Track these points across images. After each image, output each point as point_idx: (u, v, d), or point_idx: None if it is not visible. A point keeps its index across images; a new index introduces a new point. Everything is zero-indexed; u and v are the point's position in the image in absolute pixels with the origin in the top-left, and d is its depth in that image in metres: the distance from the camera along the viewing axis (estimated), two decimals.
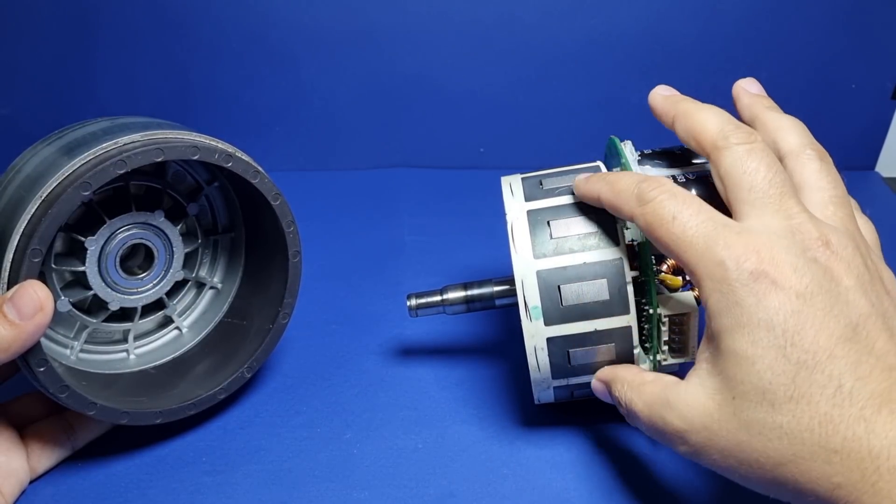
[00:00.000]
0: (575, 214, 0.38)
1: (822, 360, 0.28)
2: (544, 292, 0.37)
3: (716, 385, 0.30)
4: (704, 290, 0.31)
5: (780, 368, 0.28)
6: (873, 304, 0.29)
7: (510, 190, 0.40)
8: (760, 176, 0.32)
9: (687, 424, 0.31)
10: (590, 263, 0.37)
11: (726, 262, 0.30)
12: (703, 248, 0.30)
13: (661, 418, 0.32)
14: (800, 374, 0.28)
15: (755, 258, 0.29)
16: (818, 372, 0.28)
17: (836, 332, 0.28)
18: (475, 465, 0.41)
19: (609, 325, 0.37)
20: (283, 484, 0.40)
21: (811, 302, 0.28)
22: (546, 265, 0.37)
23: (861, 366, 0.28)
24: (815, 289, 0.29)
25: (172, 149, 0.37)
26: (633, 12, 0.69)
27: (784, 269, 0.29)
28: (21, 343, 0.34)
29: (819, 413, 0.28)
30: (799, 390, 0.28)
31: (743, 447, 0.29)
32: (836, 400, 0.27)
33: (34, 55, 0.69)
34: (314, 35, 0.69)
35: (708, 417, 0.30)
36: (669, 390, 0.32)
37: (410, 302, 0.44)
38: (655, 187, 0.33)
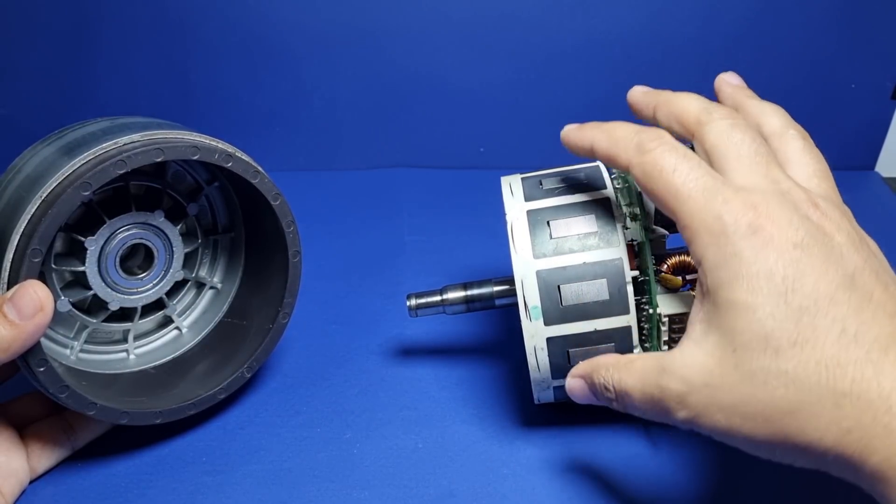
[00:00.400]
0: (575, 214, 0.38)
1: (824, 305, 0.28)
2: (544, 292, 0.37)
3: (714, 341, 0.30)
4: (700, 243, 0.30)
5: (782, 314, 0.28)
6: (865, 260, 0.29)
7: (510, 190, 0.40)
8: (746, 146, 0.32)
9: (686, 386, 0.30)
10: (590, 263, 0.37)
11: (724, 216, 0.30)
12: (702, 201, 0.30)
13: (656, 387, 0.31)
14: (802, 320, 0.28)
15: (752, 213, 0.29)
16: (821, 317, 0.28)
17: (835, 280, 0.28)
18: (475, 465, 0.41)
19: (609, 325, 0.37)
20: (283, 484, 0.40)
21: (808, 252, 0.29)
22: (546, 265, 0.37)
23: (863, 311, 0.28)
24: (811, 241, 0.29)
25: (172, 149, 0.37)
26: (632, 12, 0.69)
27: (780, 223, 0.29)
28: (21, 343, 0.34)
29: (825, 356, 0.27)
30: (802, 335, 0.27)
31: (747, 400, 0.28)
32: (841, 343, 0.27)
33: (34, 55, 0.69)
34: (314, 35, 0.69)
35: (708, 374, 0.29)
36: (662, 359, 0.31)
37: (410, 302, 0.44)
38: (656, 138, 0.33)
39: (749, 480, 0.40)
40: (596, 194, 0.38)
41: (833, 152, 0.78)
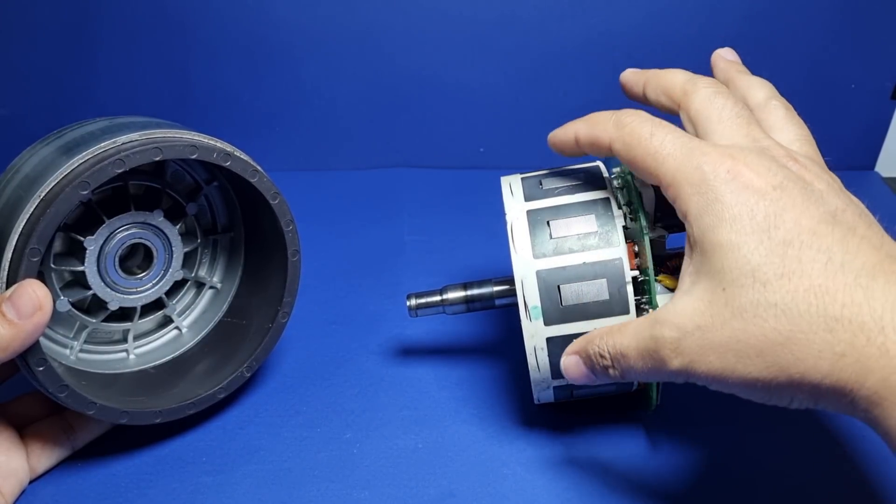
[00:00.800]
0: (575, 214, 0.38)
1: (807, 238, 0.28)
2: (544, 292, 0.37)
3: (704, 285, 0.30)
4: (683, 196, 0.31)
5: (766, 249, 0.28)
6: (847, 204, 0.30)
7: (510, 190, 0.40)
8: (728, 109, 0.33)
9: (679, 331, 0.30)
10: (589, 263, 0.37)
11: (703, 166, 0.30)
12: (681, 157, 0.31)
13: (650, 338, 0.31)
14: (788, 252, 0.28)
15: (730, 161, 0.30)
16: (805, 248, 0.28)
17: (816, 216, 0.29)
18: (475, 465, 0.41)
19: (609, 325, 0.37)
20: (283, 484, 0.40)
21: (788, 192, 0.29)
22: (546, 265, 0.37)
23: (848, 242, 0.28)
24: (790, 184, 0.30)
25: (171, 148, 0.37)
26: (632, 12, 0.69)
27: (759, 169, 0.30)
28: (20, 342, 0.34)
29: (814, 284, 0.27)
30: (789, 266, 0.28)
31: (739, 336, 0.28)
32: (828, 271, 0.27)
33: (34, 55, 0.69)
34: (314, 35, 0.69)
35: (699, 316, 0.30)
36: (654, 313, 0.32)
37: (410, 302, 0.44)
38: (632, 113, 0.34)
39: (749, 480, 0.40)
40: (596, 194, 0.38)
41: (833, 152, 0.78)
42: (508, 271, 0.38)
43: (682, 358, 0.30)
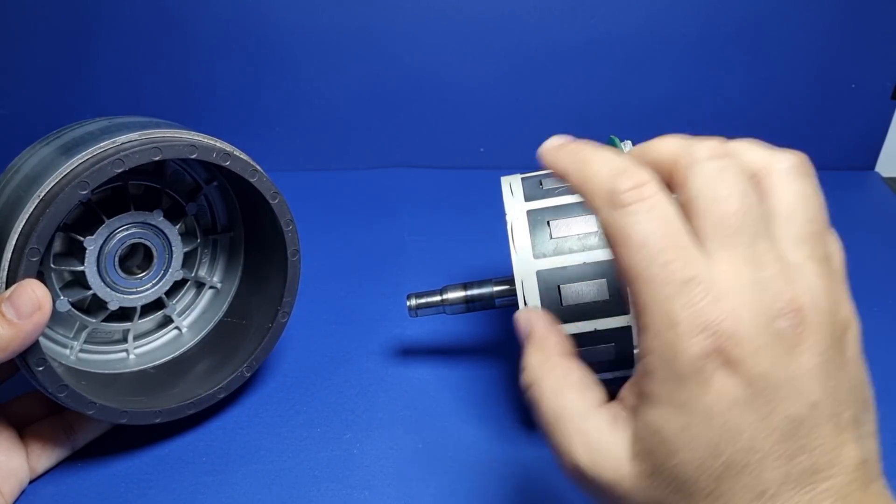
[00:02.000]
0: (575, 214, 0.38)
1: (753, 461, 0.25)
2: (544, 292, 0.37)
3: (636, 449, 0.27)
4: (647, 340, 0.26)
5: (707, 465, 0.25)
6: (826, 390, 0.25)
7: (510, 190, 0.40)
8: (733, 209, 0.27)
9: (593, 473, 0.27)
10: (590, 263, 0.37)
11: (680, 326, 0.25)
12: (661, 297, 0.26)
13: (565, 440, 0.28)
14: (725, 474, 0.25)
15: (713, 331, 0.25)
16: (746, 474, 0.25)
17: (777, 430, 0.25)
18: (475, 465, 0.41)
19: (609, 325, 0.37)
20: (283, 484, 0.40)
21: (760, 393, 0.25)
22: (546, 265, 0.37)
23: (792, 468, 0.25)
24: (770, 373, 0.25)
25: (170, 148, 0.37)
26: (632, 12, 0.69)
27: (743, 348, 0.25)
28: (19, 342, 0.34)
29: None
30: (720, 490, 0.25)
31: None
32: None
33: (34, 55, 0.69)
34: (314, 35, 0.69)
35: (618, 476, 0.27)
36: (589, 417, 0.28)
37: (410, 302, 0.44)
38: (632, 188, 0.27)
39: None
40: None
41: (833, 152, 0.79)
42: (508, 271, 0.38)
43: (581, 488, 0.28)
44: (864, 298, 0.59)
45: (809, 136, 0.75)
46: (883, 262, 0.60)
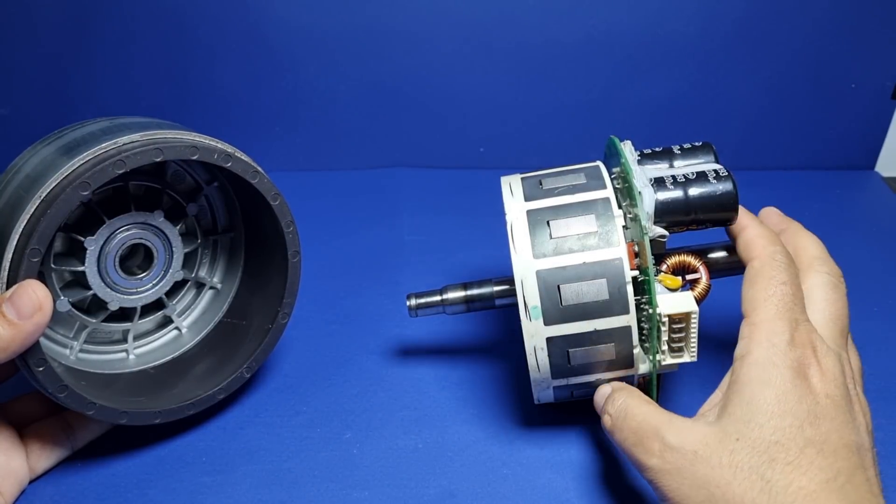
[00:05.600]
0: (575, 214, 0.38)
1: (828, 451, 0.30)
2: (544, 292, 0.37)
3: (724, 425, 0.32)
4: (755, 339, 0.33)
5: (793, 436, 0.30)
6: (871, 448, 0.32)
7: (510, 190, 0.40)
8: (833, 311, 0.35)
9: (679, 443, 0.32)
10: (589, 263, 0.37)
11: (788, 332, 0.33)
12: (777, 310, 0.34)
13: (653, 429, 0.33)
14: (807, 449, 0.30)
15: (810, 351, 0.33)
16: (822, 456, 0.30)
17: (846, 438, 0.30)
18: (475, 465, 0.41)
19: (609, 325, 0.37)
20: (283, 484, 0.40)
21: (836, 406, 0.31)
22: (546, 265, 0.37)
23: (856, 476, 0.30)
24: (842, 402, 0.31)
25: (171, 149, 0.37)
26: (632, 12, 0.69)
27: (827, 373, 0.32)
28: (20, 342, 0.34)
29: (808, 489, 0.29)
30: (799, 461, 0.29)
31: (721, 486, 0.30)
32: (827, 487, 0.29)
33: (34, 55, 0.69)
34: (314, 35, 0.69)
35: (703, 444, 0.31)
36: (674, 416, 0.34)
37: (410, 302, 0.44)
38: (784, 253, 0.36)
39: None
40: (596, 194, 0.38)
41: (833, 152, 0.79)
42: (508, 271, 0.38)
43: (659, 463, 0.32)
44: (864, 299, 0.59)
45: (809, 136, 0.75)
46: (883, 261, 0.60)
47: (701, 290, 0.39)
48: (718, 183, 0.38)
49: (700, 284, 0.39)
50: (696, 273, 0.39)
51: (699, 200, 0.38)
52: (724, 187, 0.38)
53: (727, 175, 0.38)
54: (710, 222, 0.39)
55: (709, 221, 0.39)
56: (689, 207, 0.38)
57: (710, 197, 0.38)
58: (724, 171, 0.38)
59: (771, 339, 0.33)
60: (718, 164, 0.39)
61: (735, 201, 0.38)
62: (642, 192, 0.37)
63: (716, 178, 0.38)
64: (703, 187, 0.38)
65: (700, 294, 0.39)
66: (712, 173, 0.38)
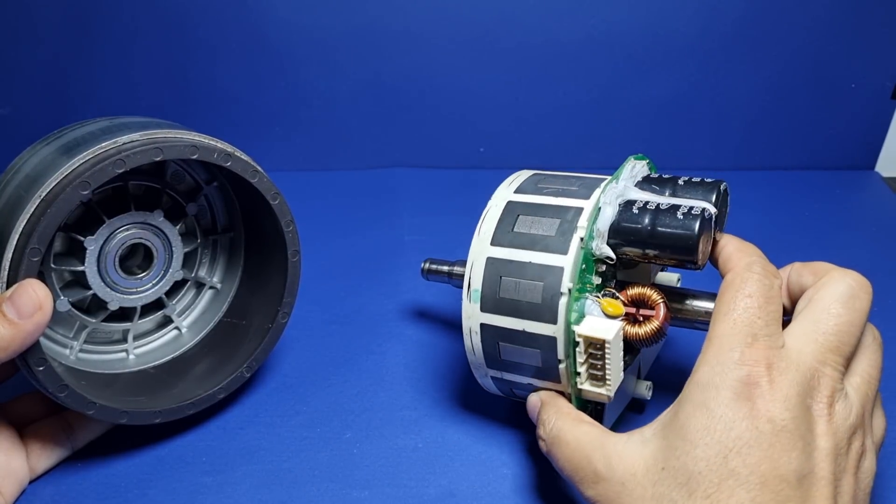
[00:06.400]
0: (545, 215, 0.37)
1: (753, 483, 0.28)
2: (487, 278, 0.37)
3: (654, 449, 0.31)
4: (707, 356, 0.31)
5: (715, 467, 0.28)
6: (833, 475, 0.29)
7: (511, 180, 0.41)
8: (830, 325, 0.32)
9: (608, 473, 0.31)
10: (534, 264, 0.36)
11: (744, 351, 0.30)
12: (740, 323, 0.31)
13: (585, 457, 0.33)
14: (726, 482, 0.28)
15: (764, 363, 0.30)
16: (745, 489, 0.28)
17: (781, 471, 0.28)
18: (475, 465, 0.41)
19: (536, 330, 0.36)
20: (283, 484, 0.40)
21: (777, 434, 0.28)
22: (497, 254, 0.38)
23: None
24: (790, 426, 0.29)
25: (171, 148, 0.37)
26: (632, 12, 0.69)
27: (780, 393, 0.29)
28: (20, 342, 0.34)
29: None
30: (718, 495, 0.28)
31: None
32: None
33: (34, 55, 0.69)
34: (313, 35, 0.69)
35: (630, 476, 0.31)
36: (608, 437, 0.33)
37: (424, 265, 0.48)
38: (764, 264, 0.33)
39: None
40: (574, 202, 0.37)
41: (833, 152, 0.79)
42: None
43: (594, 493, 0.32)
44: None
45: (809, 136, 0.75)
46: (883, 261, 0.60)
47: (650, 328, 0.36)
48: (684, 219, 0.35)
49: (650, 323, 0.36)
50: (652, 310, 0.37)
51: (655, 231, 0.35)
52: (686, 225, 0.35)
53: (698, 216, 0.35)
54: (668, 259, 0.36)
55: (666, 257, 0.36)
56: (642, 235, 0.36)
57: (667, 230, 0.35)
58: (700, 212, 0.35)
59: (719, 356, 0.30)
60: (708, 204, 0.36)
61: (692, 243, 0.34)
62: (602, 208, 0.37)
63: (685, 214, 0.35)
64: (665, 219, 0.35)
65: (648, 332, 0.36)
66: (686, 209, 0.35)
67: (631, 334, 0.36)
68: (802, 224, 0.66)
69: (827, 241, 0.64)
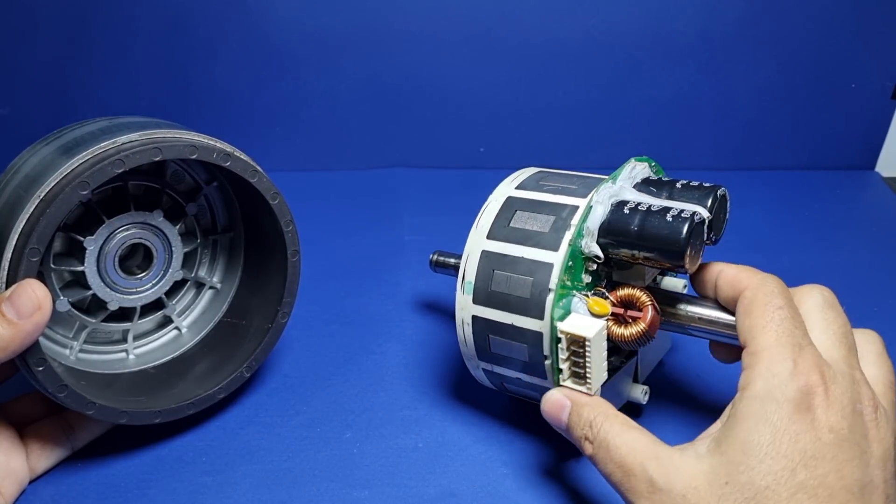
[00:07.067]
0: (541, 212, 0.38)
1: (822, 496, 0.28)
2: (481, 271, 0.38)
3: (714, 464, 0.30)
4: (758, 369, 0.31)
5: (783, 481, 0.28)
6: (885, 482, 0.29)
7: (515, 176, 0.41)
8: (837, 323, 0.33)
9: (666, 485, 0.30)
10: (525, 260, 0.37)
11: (794, 359, 0.30)
12: (778, 336, 0.31)
13: (639, 464, 0.31)
14: (798, 495, 0.28)
15: (817, 377, 0.30)
16: (815, 502, 0.28)
17: (846, 480, 0.28)
18: (475, 465, 0.41)
19: (524, 325, 0.36)
20: (283, 484, 0.40)
21: (839, 443, 0.29)
22: (492, 248, 0.38)
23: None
24: (848, 435, 0.29)
25: (171, 148, 0.37)
26: (632, 12, 0.69)
27: (835, 403, 0.29)
28: (19, 342, 0.34)
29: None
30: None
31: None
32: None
33: (34, 55, 0.69)
34: (314, 35, 0.69)
35: (691, 488, 0.30)
36: (661, 446, 0.32)
37: (432, 257, 0.49)
38: (778, 282, 0.34)
39: None
40: (571, 200, 0.38)
41: (833, 152, 0.79)
42: None
43: (649, 502, 0.31)
44: (864, 299, 0.59)
45: (809, 136, 0.75)
46: (883, 262, 0.60)
47: (636, 330, 0.36)
48: (673, 222, 0.34)
49: (636, 325, 0.36)
50: (640, 312, 0.36)
51: (643, 232, 0.35)
52: (674, 227, 0.34)
53: (687, 219, 0.34)
54: (657, 262, 0.36)
55: (654, 260, 0.35)
56: (631, 236, 0.35)
57: (655, 231, 0.35)
58: (689, 215, 0.34)
59: (772, 368, 0.30)
60: (702, 209, 0.36)
61: (678, 246, 0.34)
62: (593, 206, 0.37)
63: (675, 217, 0.34)
64: (654, 220, 0.35)
65: (633, 334, 0.36)
66: (676, 212, 0.35)
67: (616, 335, 0.36)
68: (802, 224, 0.66)
69: (827, 241, 0.64)
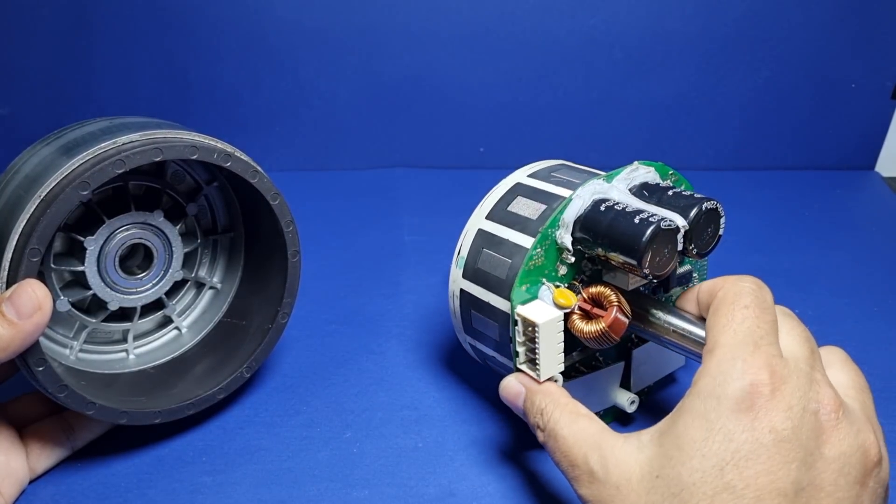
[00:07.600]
0: (537, 199, 0.39)
1: (749, 497, 0.27)
2: (473, 248, 0.40)
3: (650, 456, 0.30)
4: (709, 366, 0.30)
5: (710, 479, 0.28)
6: (834, 487, 0.28)
7: (533, 165, 0.42)
8: (800, 333, 0.32)
9: (604, 475, 0.30)
10: (509, 242, 0.38)
11: (746, 359, 0.29)
12: (741, 336, 0.31)
13: (582, 455, 0.32)
14: (720, 496, 0.27)
15: (767, 371, 0.29)
16: (739, 503, 0.27)
17: (779, 483, 0.27)
18: (475, 465, 0.41)
19: (497, 304, 0.38)
20: (283, 484, 0.40)
21: (778, 445, 0.28)
22: (487, 227, 0.39)
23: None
24: (792, 436, 0.28)
25: (171, 148, 0.37)
26: (632, 12, 0.69)
27: (780, 401, 0.28)
28: (19, 342, 0.34)
29: None
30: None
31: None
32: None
33: (34, 55, 0.69)
34: (314, 35, 0.69)
35: (625, 480, 0.30)
36: (606, 436, 0.32)
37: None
38: (755, 282, 0.33)
39: None
40: (566, 192, 0.38)
41: (833, 152, 0.79)
42: None
43: (588, 492, 0.31)
44: (864, 299, 0.59)
45: (809, 136, 0.75)
46: (883, 262, 0.60)
47: (595, 328, 0.35)
48: (639, 224, 0.34)
49: (597, 323, 0.35)
50: (605, 311, 0.35)
51: (609, 231, 0.35)
52: (637, 229, 0.34)
53: (653, 223, 0.34)
54: (621, 262, 0.35)
55: (617, 259, 0.35)
56: (598, 233, 0.35)
57: (620, 230, 0.34)
58: (657, 220, 0.34)
59: (721, 366, 0.29)
60: (677, 216, 0.35)
61: (638, 247, 0.33)
62: (573, 200, 0.37)
63: (642, 220, 0.34)
64: (622, 220, 0.35)
65: (592, 331, 0.35)
66: (646, 216, 0.34)
67: (577, 329, 0.36)
68: (802, 224, 0.66)
69: (827, 241, 0.64)
